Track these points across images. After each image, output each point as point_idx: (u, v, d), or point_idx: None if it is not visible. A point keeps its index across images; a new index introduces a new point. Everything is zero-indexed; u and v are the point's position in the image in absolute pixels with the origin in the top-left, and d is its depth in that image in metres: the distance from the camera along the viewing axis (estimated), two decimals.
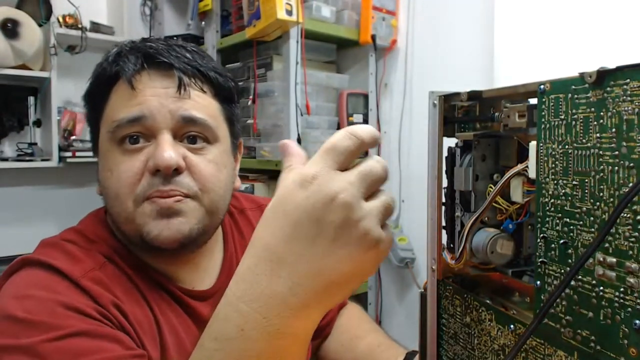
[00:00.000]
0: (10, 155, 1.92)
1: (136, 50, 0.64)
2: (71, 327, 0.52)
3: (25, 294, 0.55)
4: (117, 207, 0.62)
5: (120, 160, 0.61)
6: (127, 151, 0.61)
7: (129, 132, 0.61)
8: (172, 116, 0.61)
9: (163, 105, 0.61)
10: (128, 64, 0.62)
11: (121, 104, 0.62)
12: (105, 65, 0.64)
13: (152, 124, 0.61)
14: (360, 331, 0.87)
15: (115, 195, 0.61)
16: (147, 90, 0.61)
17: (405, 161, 1.72)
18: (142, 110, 0.60)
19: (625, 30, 1.08)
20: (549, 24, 1.24)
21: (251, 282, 0.42)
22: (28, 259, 0.60)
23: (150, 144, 0.61)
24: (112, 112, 0.63)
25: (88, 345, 0.52)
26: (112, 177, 0.61)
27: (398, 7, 1.74)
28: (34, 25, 1.74)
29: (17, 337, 0.51)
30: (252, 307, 0.41)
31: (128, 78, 0.61)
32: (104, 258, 0.62)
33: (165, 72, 0.62)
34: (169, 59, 0.62)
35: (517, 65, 1.32)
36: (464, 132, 0.59)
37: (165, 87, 0.62)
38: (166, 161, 0.59)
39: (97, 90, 0.65)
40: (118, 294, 0.59)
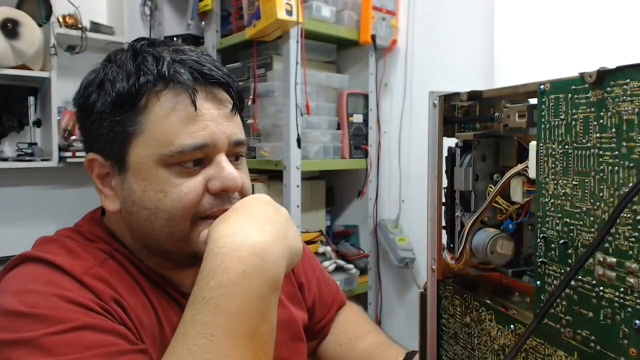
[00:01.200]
0: (10, 155, 1.92)
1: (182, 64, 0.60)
2: (76, 321, 0.52)
3: (26, 289, 0.54)
4: (168, 228, 0.60)
5: (177, 181, 0.59)
6: (181, 173, 0.60)
7: (191, 158, 0.60)
8: (229, 141, 0.62)
9: (222, 131, 0.61)
10: (184, 77, 0.59)
11: (178, 127, 0.58)
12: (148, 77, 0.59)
13: (212, 150, 0.61)
14: (359, 331, 0.87)
15: (169, 216, 0.59)
16: (205, 113, 0.60)
17: (405, 161, 1.72)
18: (205, 139, 0.59)
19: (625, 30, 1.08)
20: (549, 24, 1.24)
21: (245, 236, 0.54)
22: (27, 255, 0.59)
23: (204, 164, 0.61)
24: (169, 134, 0.58)
25: (93, 338, 0.52)
26: (168, 199, 0.59)
27: (398, 7, 1.74)
28: (34, 25, 1.74)
29: (20, 331, 0.51)
30: (251, 251, 0.53)
31: (191, 97, 0.58)
32: (104, 255, 0.62)
33: (217, 90, 0.62)
34: (224, 79, 0.63)
35: (517, 65, 1.32)
36: (464, 132, 0.59)
37: (217, 109, 0.62)
38: (236, 182, 0.61)
39: (131, 103, 0.59)
40: (120, 291, 0.59)
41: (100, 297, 0.56)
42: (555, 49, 1.21)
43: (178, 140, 0.58)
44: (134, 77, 0.59)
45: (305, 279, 0.85)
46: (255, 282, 0.52)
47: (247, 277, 0.51)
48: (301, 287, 0.84)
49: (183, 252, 0.62)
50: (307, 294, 0.84)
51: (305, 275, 0.85)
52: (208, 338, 0.49)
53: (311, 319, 0.85)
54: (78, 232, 0.65)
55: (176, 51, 0.63)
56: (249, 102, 1.67)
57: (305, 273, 0.85)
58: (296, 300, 0.81)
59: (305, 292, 0.84)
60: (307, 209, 1.71)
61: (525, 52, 1.29)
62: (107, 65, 0.63)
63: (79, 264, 0.58)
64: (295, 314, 0.79)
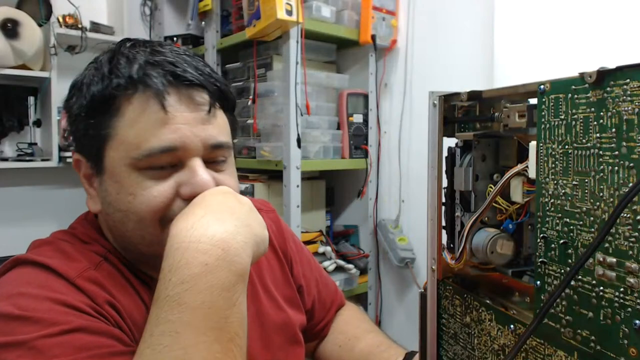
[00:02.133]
0: (10, 155, 1.92)
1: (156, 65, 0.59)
2: (69, 323, 0.52)
3: (20, 292, 0.54)
4: (139, 231, 0.60)
5: (147, 184, 0.58)
6: (152, 176, 0.59)
7: (160, 162, 0.58)
8: (204, 145, 0.60)
9: (195, 134, 0.59)
10: (154, 80, 0.58)
11: (150, 130, 0.57)
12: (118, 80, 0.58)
13: (184, 153, 0.59)
14: (358, 331, 0.87)
15: (138, 219, 0.59)
16: (177, 116, 0.58)
17: (405, 161, 1.72)
18: (175, 142, 0.58)
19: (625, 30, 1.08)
20: (549, 24, 1.24)
21: (205, 228, 0.52)
22: (21, 258, 0.59)
23: (178, 168, 0.60)
24: (139, 137, 0.58)
25: (86, 340, 0.51)
26: (136, 202, 0.58)
27: (398, 7, 1.74)
28: (34, 25, 1.74)
29: (13, 334, 0.50)
30: (212, 243, 0.51)
31: (160, 101, 0.57)
32: (99, 257, 0.62)
33: (193, 93, 0.60)
34: (199, 80, 0.60)
35: (517, 65, 1.32)
36: (464, 132, 0.59)
37: (192, 111, 0.59)
38: (206, 187, 0.59)
39: (104, 106, 0.59)
40: (114, 294, 0.59)
41: (94, 300, 0.56)
42: (555, 49, 1.21)
43: (147, 144, 0.57)
44: (107, 81, 0.59)
45: (305, 281, 0.85)
46: (220, 273, 0.50)
47: (210, 269, 0.50)
48: (300, 289, 0.83)
49: (157, 255, 0.59)
50: (307, 295, 0.84)
51: (304, 278, 0.85)
52: (174, 336, 0.47)
53: (310, 321, 0.85)
54: (73, 234, 0.65)
55: (153, 52, 0.61)
56: (249, 102, 1.67)
57: (304, 275, 0.85)
58: (295, 303, 0.81)
59: (305, 294, 0.84)
60: (307, 209, 1.71)
61: (525, 52, 1.29)
62: (88, 67, 0.63)
63: (73, 266, 0.58)
64: (293, 317, 0.78)
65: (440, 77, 1.58)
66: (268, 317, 0.74)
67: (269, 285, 0.78)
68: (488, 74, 1.40)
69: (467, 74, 1.49)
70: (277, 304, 0.77)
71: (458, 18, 1.54)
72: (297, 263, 0.85)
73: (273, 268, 0.80)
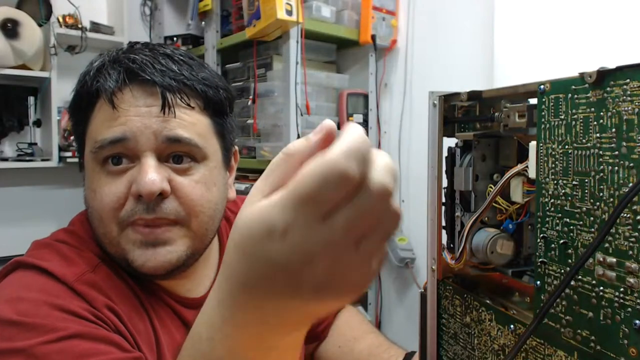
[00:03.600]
0: (10, 155, 1.92)
1: (118, 63, 0.60)
2: (67, 330, 0.51)
3: (18, 297, 0.54)
4: (101, 229, 0.60)
5: (104, 182, 0.59)
6: (110, 172, 0.59)
7: (112, 152, 0.58)
8: (156, 137, 0.58)
9: (146, 126, 0.57)
10: (109, 80, 0.58)
11: (103, 123, 0.59)
12: (87, 79, 0.61)
13: (135, 146, 0.58)
14: (358, 333, 0.87)
15: (99, 217, 0.59)
16: (130, 109, 0.58)
17: (405, 161, 1.72)
18: (124, 132, 0.57)
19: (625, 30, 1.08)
20: (549, 24, 1.24)
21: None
22: (20, 261, 0.59)
23: (134, 165, 0.58)
24: (95, 131, 0.60)
25: (85, 347, 0.51)
26: (96, 199, 0.59)
27: (398, 7, 1.74)
28: (34, 25, 1.74)
29: (12, 340, 0.50)
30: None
31: (109, 97, 0.58)
32: (97, 259, 0.61)
33: (149, 89, 0.58)
34: (152, 75, 0.58)
35: (517, 65, 1.32)
36: (464, 132, 0.59)
37: (148, 106, 0.58)
38: (148, 186, 0.56)
39: (80, 104, 0.62)
40: (113, 297, 0.58)
41: (93, 304, 0.56)
42: (555, 49, 1.21)
43: (99, 136, 0.59)
44: (81, 83, 0.62)
45: None
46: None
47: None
48: None
49: (119, 257, 0.60)
50: None
51: None
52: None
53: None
54: (73, 233, 0.64)
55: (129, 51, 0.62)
56: (249, 102, 1.67)
57: None
58: None
59: None
60: None
61: (525, 52, 1.29)
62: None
63: (72, 270, 0.57)
64: None
65: (440, 77, 1.58)
66: None
67: None
68: (488, 74, 1.40)
69: (467, 74, 1.49)
70: None
71: (458, 18, 1.54)
72: None
73: None
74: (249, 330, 0.35)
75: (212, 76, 0.65)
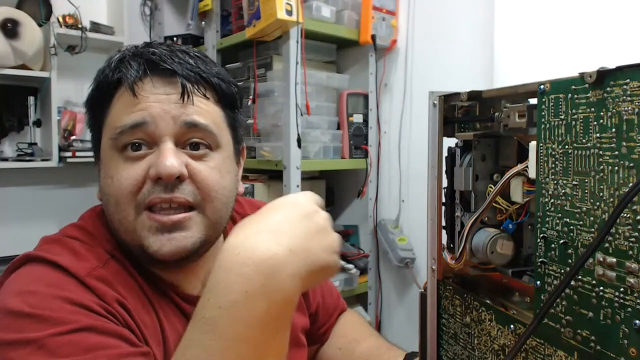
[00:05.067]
0: (10, 155, 1.92)
1: (139, 56, 0.63)
2: (78, 322, 0.52)
3: (29, 290, 0.54)
4: (117, 215, 0.61)
5: (122, 167, 0.60)
6: (129, 158, 0.60)
7: (131, 138, 0.60)
8: (175, 122, 0.60)
9: (166, 111, 0.60)
10: (130, 70, 0.61)
11: (123, 110, 0.61)
12: (108, 72, 0.63)
13: (155, 130, 0.60)
14: (359, 335, 0.88)
15: (115, 202, 0.60)
16: (150, 96, 0.61)
17: (405, 161, 1.72)
18: (144, 116, 0.60)
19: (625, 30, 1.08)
20: (549, 24, 1.24)
21: (254, 249, 0.48)
22: (31, 255, 0.59)
23: (152, 152, 0.61)
24: (115, 119, 0.62)
25: (95, 340, 0.51)
26: (113, 184, 0.60)
27: (398, 7, 1.74)
28: (34, 25, 1.74)
29: (22, 331, 0.51)
30: (257, 269, 0.47)
31: (130, 85, 0.60)
32: (107, 255, 0.62)
33: (168, 79, 0.62)
34: (172, 66, 0.61)
35: (517, 65, 1.32)
36: (464, 132, 0.59)
37: (167, 94, 0.61)
38: (168, 169, 0.58)
39: (99, 96, 0.64)
40: (122, 292, 0.59)
41: (104, 299, 0.56)
42: (555, 49, 1.21)
43: (119, 122, 0.61)
44: (101, 75, 0.65)
45: None
46: (259, 305, 0.47)
47: (250, 298, 0.47)
48: (305, 293, 0.84)
49: (135, 244, 0.61)
50: (312, 299, 0.85)
51: None
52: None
53: (313, 325, 0.85)
54: (82, 229, 0.65)
55: (147, 46, 0.65)
56: (249, 102, 1.67)
57: None
58: (298, 306, 0.81)
59: (310, 298, 0.84)
60: None
61: (525, 52, 1.29)
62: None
63: (82, 265, 0.58)
64: (295, 320, 0.78)
65: (440, 77, 1.58)
66: None
67: None
68: (488, 74, 1.40)
69: (467, 74, 1.49)
70: None
71: (458, 18, 1.54)
72: None
73: None
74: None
75: (224, 72, 0.69)
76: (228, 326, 0.47)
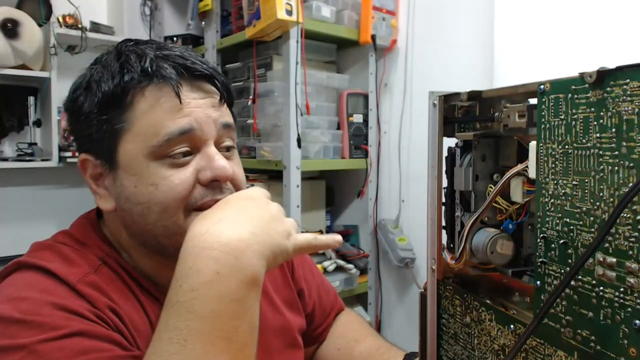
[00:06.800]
0: (10, 155, 1.92)
1: (166, 59, 0.62)
2: (69, 328, 0.52)
3: (20, 296, 0.54)
4: (163, 222, 0.60)
5: (168, 173, 0.59)
6: (174, 165, 0.60)
7: (179, 145, 0.60)
8: (215, 125, 0.62)
9: (208, 115, 0.62)
10: (168, 71, 0.60)
11: (165, 116, 0.59)
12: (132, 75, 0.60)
13: (201, 135, 0.61)
14: (357, 335, 0.87)
15: (162, 209, 0.59)
16: (192, 102, 0.61)
17: (405, 161, 1.72)
18: (191, 123, 0.60)
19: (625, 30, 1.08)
20: (549, 24, 1.24)
21: (219, 233, 0.52)
22: (22, 261, 0.59)
23: (194, 156, 0.61)
24: (155, 125, 0.59)
25: (86, 344, 0.52)
26: (159, 191, 0.59)
27: (398, 7, 1.74)
28: (34, 25, 1.74)
29: (14, 337, 0.51)
30: (225, 250, 0.50)
31: (175, 89, 0.59)
32: (98, 261, 0.62)
33: (203, 83, 0.63)
34: (208, 70, 0.63)
35: (517, 65, 1.32)
36: (464, 132, 0.59)
37: (203, 98, 0.62)
38: (226, 172, 0.61)
39: (117, 100, 0.61)
40: (114, 298, 0.59)
41: (95, 305, 0.56)
42: (555, 49, 1.21)
43: (164, 130, 0.59)
44: (118, 76, 0.60)
45: (306, 285, 0.85)
46: (230, 282, 0.50)
47: (221, 278, 0.49)
48: (301, 292, 0.84)
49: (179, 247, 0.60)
50: (308, 299, 0.85)
51: (305, 282, 0.85)
52: (181, 344, 0.47)
53: (310, 325, 0.85)
54: (72, 236, 0.65)
55: (160, 48, 0.63)
56: (249, 102, 1.67)
57: (305, 279, 0.85)
58: (294, 307, 0.81)
59: (306, 297, 0.84)
60: (307, 209, 1.71)
61: (525, 52, 1.29)
62: (93, 68, 0.64)
63: (74, 271, 0.58)
64: (292, 321, 0.78)
65: (440, 77, 1.58)
66: (266, 321, 0.74)
67: (268, 289, 0.78)
68: (488, 74, 1.40)
69: (467, 74, 1.49)
70: (275, 307, 0.77)
71: (458, 18, 1.54)
72: (299, 266, 0.85)
73: (273, 271, 0.80)
74: None
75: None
76: (202, 305, 0.49)
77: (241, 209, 0.56)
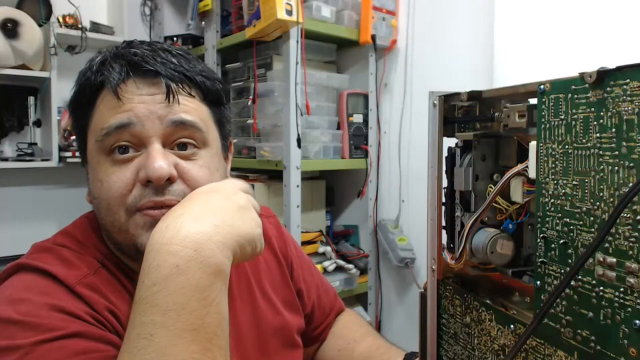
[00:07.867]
0: (10, 155, 1.92)
1: (120, 57, 0.62)
2: (67, 329, 0.52)
3: (20, 298, 0.55)
4: (109, 217, 0.61)
5: (110, 170, 0.60)
6: (117, 161, 0.60)
7: (118, 140, 0.60)
8: (162, 122, 0.60)
9: (151, 111, 0.60)
10: (113, 73, 0.61)
11: (107, 112, 0.61)
12: (89, 75, 0.63)
13: (141, 130, 0.59)
14: (358, 335, 0.87)
15: (107, 206, 0.60)
16: (135, 98, 0.60)
17: (405, 161, 1.72)
18: (129, 117, 0.59)
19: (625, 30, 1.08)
20: (549, 24, 1.24)
21: (178, 228, 0.51)
22: (22, 264, 0.60)
23: (140, 154, 0.60)
24: (99, 121, 0.61)
25: (83, 345, 0.52)
26: (103, 188, 0.60)
27: (398, 7, 1.74)
28: (34, 25, 1.74)
29: (12, 338, 0.51)
30: (183, 244, 0.50)
31: (113, 88, 0.60)
32: (97, 263, 0.62)
33: (151, 80, 0.61)
34: (155, 66, 0.61)
35: (517, 65, 1.32)
36: (464, 132, 0.59)
37: (152, 94, 0.61)
38: (157, 172, 0.58)
39: (82, 99, 0.63)
40: (112, 299, 0.59)
41: (94, 307, 0.57)
42: (555, 49, 1.21)
43: (104, 124, 0.60)
44: (83, 77, 0.64)
45: (305, 285, 0.85)
46: (192, 274, 0.49)
47: (181, 270, 0.49)
48: (300, 293, 0.84)
49: (128, 244, 0.61)
50: (307, 299, 0.85)
51: (304, 282, 0.85)
52: (148, 338, 0.47)
53: (309, 325, 0.85)
54: (73, 237, 0.65)
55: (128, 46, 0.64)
56: (249, 102, 1.67)
57: (304, 279, 0.85)
58: (293, 307, 0.81)
59: (305, 297, 0.84)
60: (307, 209, 1.71)
61: (525, 52, 1.29)
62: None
63: (73, 273, 0.58)
64: (290, 321, 0.78)
65: (440, 77, 1.58)
66: (265, 321, 0.74)
67: (267, 289, 0.78)
68: (488, 74, 1.40)
69: (467, 74, 1.49)
70: (274, 307, 0.77)
71: (458, 18, 1.54)
72: (298, 267, 0.85)
73: (272, 271, 0.80)
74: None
75: (208, 69, 0.69)
76: (164, 298, 0.49)
77: (204, 202, 0.56)
